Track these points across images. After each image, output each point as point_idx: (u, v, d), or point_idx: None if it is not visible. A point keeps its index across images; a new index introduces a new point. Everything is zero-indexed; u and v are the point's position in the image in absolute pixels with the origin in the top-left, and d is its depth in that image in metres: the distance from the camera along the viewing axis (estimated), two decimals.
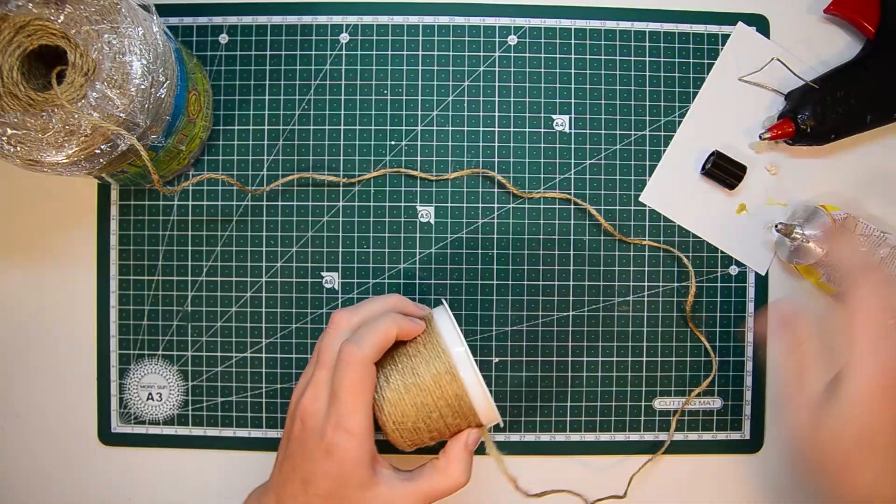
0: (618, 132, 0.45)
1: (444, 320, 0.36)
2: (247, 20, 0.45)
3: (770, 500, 0.46)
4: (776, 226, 0.42)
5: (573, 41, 0.45)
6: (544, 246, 0.45)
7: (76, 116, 0.34)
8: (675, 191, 0.45)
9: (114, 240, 0.45)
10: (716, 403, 0.46)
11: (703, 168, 0.45)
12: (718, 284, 0.45)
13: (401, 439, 0.35)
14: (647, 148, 0.45)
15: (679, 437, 0.46)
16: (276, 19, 0.45)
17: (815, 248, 0.41)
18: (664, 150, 0.45)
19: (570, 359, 0.45)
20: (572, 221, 0.45)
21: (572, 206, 0.45)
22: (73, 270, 0.45)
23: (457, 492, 0.34)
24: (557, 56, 0.45)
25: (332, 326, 0.35)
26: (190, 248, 0.45)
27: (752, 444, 0.46)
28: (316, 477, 0.32)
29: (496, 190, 0.45)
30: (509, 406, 0.45)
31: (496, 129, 0.45)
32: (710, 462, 0.46)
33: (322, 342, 0.35)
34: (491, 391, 0.45)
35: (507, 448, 0.45)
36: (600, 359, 0.45)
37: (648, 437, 0.45)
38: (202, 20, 0.45)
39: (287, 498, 0.34)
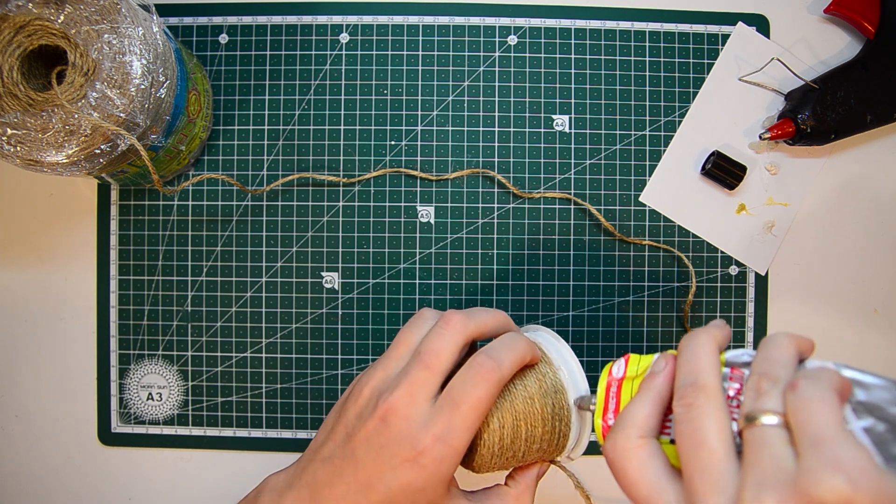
0: (618, 132, 0.45)
1: (562, 351, 0.34)
2: (247, 20, 0.45)
3: None
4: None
5: (573, 41, 0.45)
6: (544, 246, 0.45)
7: (76, 116, 0.34)
8: (675, 191, 0.45)
9: (114, 240, 0.45)
10: None
11: (703, 168, 0.45)
12: (718, 284, 0.45)
13: (488, 462, 0.32)
14: (647, 148, 0.45)
15: None
16: (276, 19, 0.45)
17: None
18: (664, 150, 0.45)
19: None
20: (572, 221, 0.45)
21: (572, 206, 0.45)
22: (73, 270, 0.45)
23: None
24: (557, 56, 0.45)
25: (446, 326, 0.31)
26: (190, 248, 0.45)
27: None
28: (387, 486, 0.29)
29: (496, 190, 0.45)
30: None
31: (496, 129, 0.45)
32: None
33: (428, 339, 0.31)
34: None
35: None
36: (600, 359, 0.45)
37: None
38: (202, 20, 0.45)
39: (332, 501, 0.30)
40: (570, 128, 0.45)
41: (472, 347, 0.33)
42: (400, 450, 0.28)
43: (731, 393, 0.25)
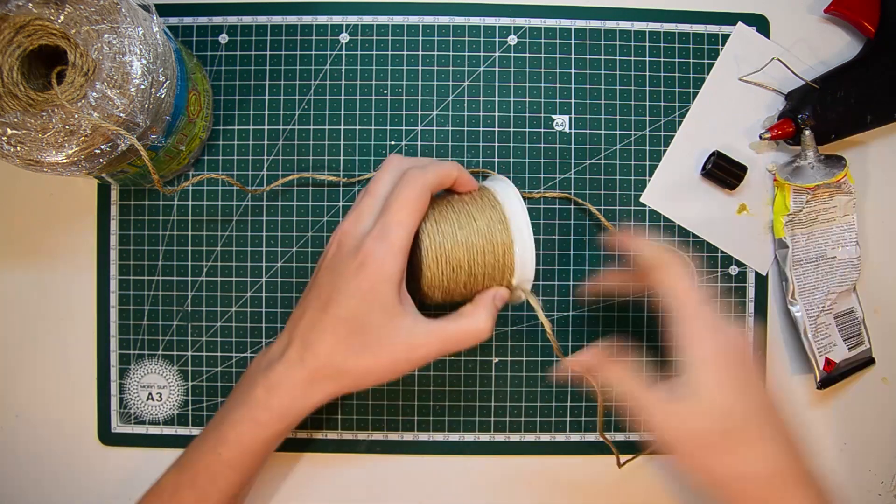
0: (618, 132, 0.45)
1: (504, 184, 0.37)
2: (247, 20, 0.45)
3: None
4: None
5: (573, 41, 0.45)
6: (544, 246, 0.45)
7: (76, 116, 0.34)
8: (675, 191, 0.45)
9: (114, 240, 0.45)
10: None
11: (704, 168, 0.45)
12: (718, 284, 0.45)
13: (436, 283, 0.35)
14: (647, 148, 0.45)
15: None
16: (276, 19, 0.45)
17: None
18: (664, 151, 0.45)
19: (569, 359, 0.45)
20: (572, 221, 0.45)
21: (572, 207, 0.45)
22: (73, 270, 0.45)
23: (477, 341, 0.34)
24: (557, 56, 0.45)
25: (386, 166, 0.35)
26: (190, 248, 0.45)
27: None
28: (340, 295, 0.32)
29: None
30: (509, 406, 0.45)
31: (496, 129, 0.45)
32: None
33: (375, 178, 0.35)
34: (490, 391, 0.45)
35: (508, 448, 0.45)
36: None
37: (649, 436, 0.45)
38: (202, 20, 0.45)
39: (303, 326, 0.33)
40: (570, 128, 0.45)
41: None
42: (349, 260, 0.32)
43: None
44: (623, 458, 0.42)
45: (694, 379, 0.31)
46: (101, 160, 0.35)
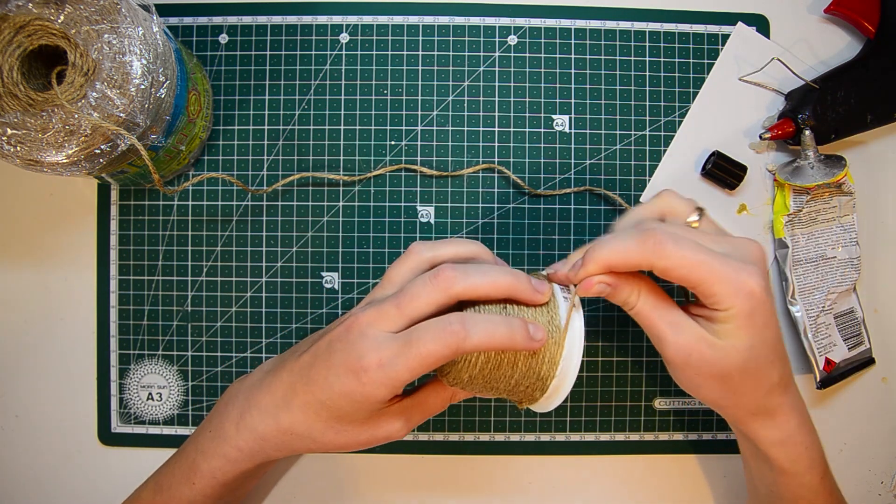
0: (618, 132, 0.45)
1: (577, 317, 0.32)
2: (247, 20, 0.45)
3: None
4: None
5: (573, 41, 0.45)
6: (545, 246, 0.45)
7: (76, 116, 0.34)
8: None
9: (114, 240, 0.45)
10: None
11: (704, 168, 0.45)
12: None
13: (461, 385, 0.33)
14: (647, 148, 0.45)
15: (679, 436, 0.46)
16: (276, 19, 0.45)
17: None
18: (664, 151, 0.45)
19: None
20: (572, 221, 0.45)
21: (572, 207, 0.45)
22: (73, 270, 0.45)
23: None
24: (557, 56, 0.45)
25: (434, 280, 0.31)
26: (190, 248, 0.45)
27: None
28: (331, 388, 0.31)
29: (496, 190, 0.45)
30: (509, 406, 0.45)
31: (496, 129, 0.45)
32: (711, 461, 0.46)
33: (413, 283, 0.32)
34: None
35: (508, 448, 0.45)
36: (600, 359, 0.45)
37: (648, 437, 0.45)
38: (202, 20, 0.45)
39: (287, 388, 0.33)
40: (570, 128, 0.45)
41: None
42: (348, 358, 0.31)
43: None
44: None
45: (726, 330, 0.32)
46: (101, 160, 0.35)
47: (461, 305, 0.33)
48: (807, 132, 0.42)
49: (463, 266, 0.32)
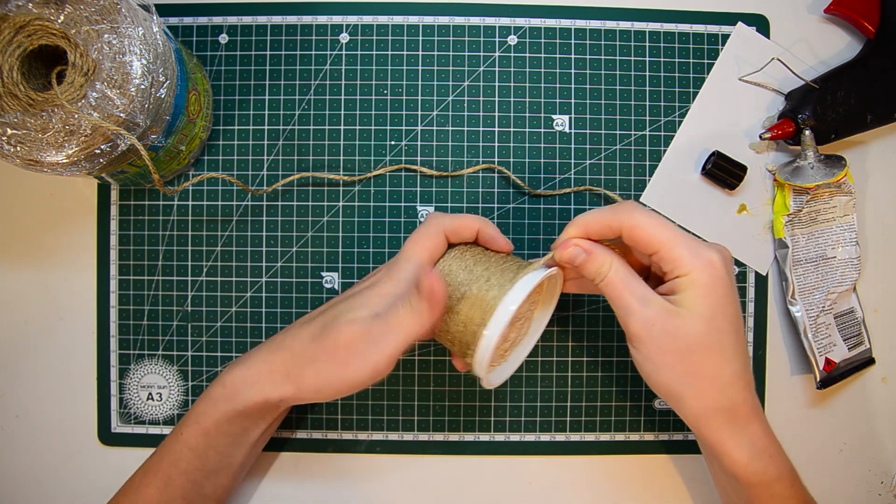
0: (618, 132, 0.45)
1: (536, 274, 0.35)
2: (247, 20, 0.45)
3: None
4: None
5: (573, 41, 0.45)
6: (544, 246, 0.45)
7: (76, 116, 0.34)
8: (675, 191, 0.45)
9: (114, 240, 0.45)
10: None
11: (704, 168, 0.45)
12: None
13: None
14: (647, 148, 0.45)
15: (679, 436, 0.46)
16: (276, 19, 0.45)
17: None
18: (664, 150, 0.45)
19: (570, 359, 0.45)
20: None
21: (572, 207, 0.45)
22: (73, 270, 0.45)
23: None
24: (557, 56, 0.45)
25: (428, 226, 0.37)
26: (190, 248, 0.45)
27: None
28: (337, 308, 0.35)
29: (496, 190, 0.45)
30: (509, 406, 0.45)
31: (496, 129, 0.45)
32: None
33: (413, 242, 0.37)
34: (490, 391, 0.45)
35: (508, 448, 0.45)
36: (600, 359, 0.45)
37: (648, 436, 0.45)
38: (202, 20, 0.45)
39: (295, 327, 0.37)
40: (570, 128, 0.45)
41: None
42: (361, 283, 0.36)
43: None
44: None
45: (686, 299, 0.33)
46: (101, 160, 0.35)
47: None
48: (807, 132, 0.42)
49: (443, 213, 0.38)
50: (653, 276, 0.38)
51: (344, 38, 0.45)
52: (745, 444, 0.34)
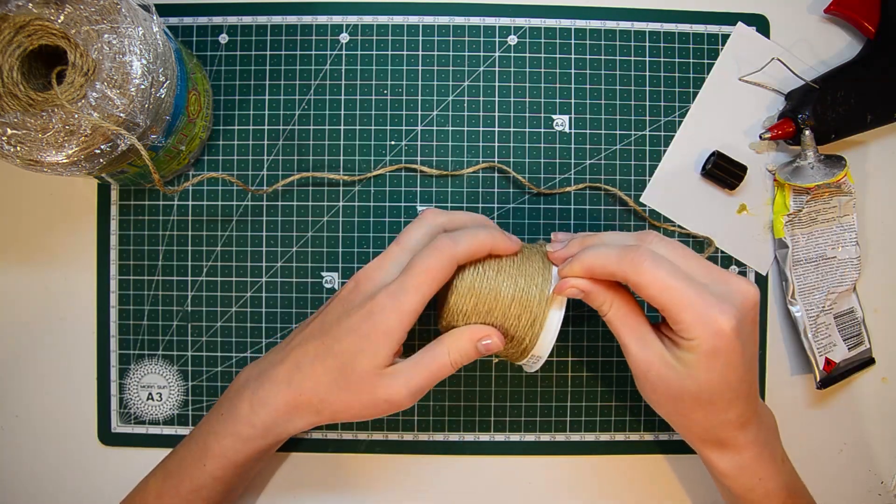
0: (618, 132, 0.45)
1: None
2: (247, 20, 0.45)
3: None
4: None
5: (573, 41, 0.45)
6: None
7: (76, 116, 0.34)
8: (675, 191, 0.45)
9: (114, 240, 0.45)
10: None
11: (704, 168, 0.45)
12: None
13: (454, 318, 0.35)
14: (647, 148, 0.45)
15: (678, 436, 0.45)
16: (276, 19, 0.45)
17: None
18: (664, 151, 0.45)
19: (569, 359, 0.45)
20: (573, 221, 0.45)
21: (572, 206, 0.45)
22: (73, 270, 0.45)
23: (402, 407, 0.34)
24: (557, 56, 0.45)
25: (420, 219, 0.36)
26: (190, 248, 0.45)
27: None
28: (341, 331, 0.33)
29: (496, 190, 0.45)
30: (509, 406, 0.45)
31: (496, 129, 0.45)
32: None
33: (407, 229, 0.36)
34: (490, 391, 0.45)
35: (508, 448, 0.45)
36: (600, 359, 0.45)
37: (648, 437, 0.45)
38: (202, 20, 0.45)
39: (299, 349, 0.35)
40: (570, 128, 0.45)
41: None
42: (361, 305, 0.33)
43: None
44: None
45: (687, 359, 0.32)
46: (101, 160, 0.35)
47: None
48: (807, 132, 0.42)
49: (452, 235, 0.34)
50: None
51: (344, 38, 0.45)
52: (733, 466, 0.35)
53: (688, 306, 0.31)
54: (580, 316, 0.45)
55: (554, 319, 0.35)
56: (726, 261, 0.45)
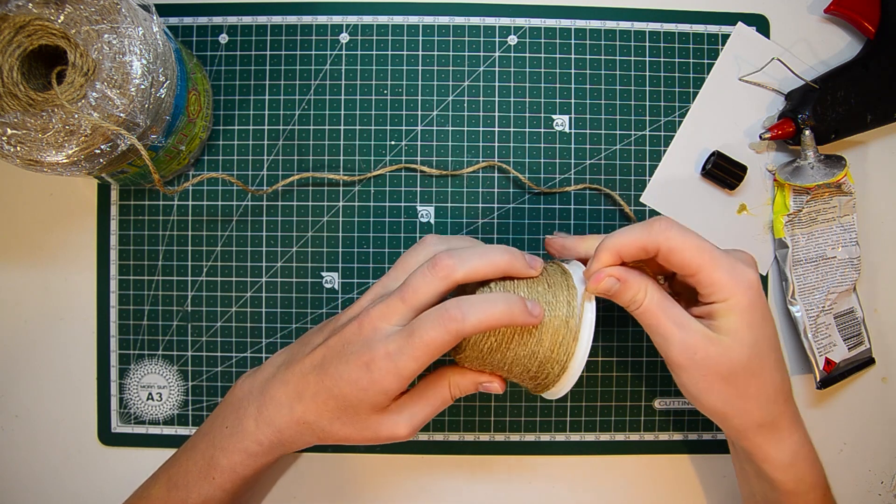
0: (618, 132, 0.45)
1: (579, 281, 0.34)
2: (247, 20, 0.45)
3: None
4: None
5: (573, 41, 0.45)
6: (545, 245, 0.45)
7: (76, 116, 0.34)
8: (675, 191, 0.45)
9: (114, 240, 0.45)
10: None
11: (704, 168, 0.45)
12: None
13: (471, 364, 0.35)
14: (647, 148, 0.45)
15: (679, 436, 0.46)
16: (276, 19, 0.45)
17: None
18: (664, 151, 0.45)
19: None
20: (573, 221, 0.45)
21: (573, 206, 0.45)
22: (72, 270, 0.45)
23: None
24: (557, 56, 0.45)
25: (432, 270, 0.33)
26: (190, 248, 0.45)
27: None
28: (341, 378, 0.33)
29: (496, 190, 0.45)
30: (509, 406, 0.45)
31: (496, 129, 0.45)
32: (710, 461, 0.46)
33: (413, 276, 0.33)
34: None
35: (508, 448, 0.45)
36: (600, 359, 0.45)
37: (648, 437, 0.45)
38: (202, 20, 0.45)
39: (300, 379, 0.35)
40: (570, 128, 0.45)
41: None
42: (360, 350, 0.33)
43: None
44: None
45: (728, 324, 0.32)
46: (101, 160, 0.35)
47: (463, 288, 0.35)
48: (807, 132, 0.42)
49: (458, 251, 0.33)
50: (676, 283, 0.37)
51: (344, 38, 0.45)
52: (785, 451, 0.34)
53: (720, 265, 0.32)
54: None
55: (578, 357, 0.33)
56: None
